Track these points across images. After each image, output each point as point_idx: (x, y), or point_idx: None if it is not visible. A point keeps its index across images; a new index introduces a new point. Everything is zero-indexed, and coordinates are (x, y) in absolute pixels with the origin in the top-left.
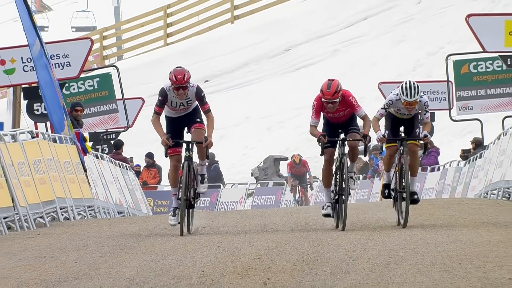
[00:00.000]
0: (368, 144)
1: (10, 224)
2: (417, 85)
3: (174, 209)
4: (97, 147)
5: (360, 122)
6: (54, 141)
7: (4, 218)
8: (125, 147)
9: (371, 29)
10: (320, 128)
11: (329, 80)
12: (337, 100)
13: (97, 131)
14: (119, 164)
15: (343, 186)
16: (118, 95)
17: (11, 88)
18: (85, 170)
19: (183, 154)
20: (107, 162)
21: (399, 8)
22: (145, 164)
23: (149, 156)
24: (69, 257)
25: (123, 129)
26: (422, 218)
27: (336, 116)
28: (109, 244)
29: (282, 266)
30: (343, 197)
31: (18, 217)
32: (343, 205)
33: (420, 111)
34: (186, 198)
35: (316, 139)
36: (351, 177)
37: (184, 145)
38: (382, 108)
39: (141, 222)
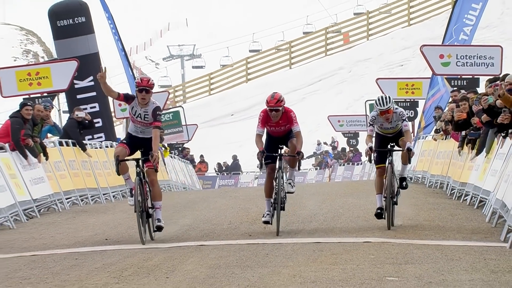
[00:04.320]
0: (301, 160)
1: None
2: (389, 96)
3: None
4: (171, 151)
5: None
6: None
7: (104, 194)
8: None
9: None
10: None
11: (272, 92)
12: (280, 108)
13: (171, 143)
14: (183, 161)
15: (281, 196)
16: (183, 122)
17: (126, 120)
18: (164, 164)
19: (135, 170)
20: (177, 160)
21: None
22: (199, 160)
23: (201, 156)
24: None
25: (186, 141)
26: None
27: (277, 130)
28: (177, 204)
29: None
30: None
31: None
32: (277, 213)
33: (398, 122)
34: (142, 210)
35: (257, 153)
36: (289, 183)
37: (135, 162)
38: (368, 126)
39: (195, 193)
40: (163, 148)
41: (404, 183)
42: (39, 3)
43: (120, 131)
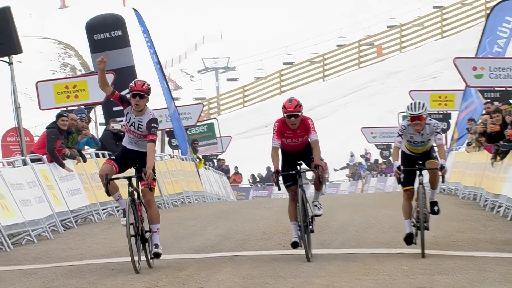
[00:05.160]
0: (325, 175)
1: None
2: (423, 103)
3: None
4: (206, 163)
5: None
6: (182, 159)
7: (156, 202)
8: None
9: None
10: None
11: (289, 97)
12: (299, 114)
13: (206, 154)
14: (218, 172)
15: (306, 217)
16: (217, 134)
17: (161, 132)
18: (199, 175)
19: (127, 189)
20: (211, 171)
21: None
22: (234, 171)
23: (236, 168)
24: (190, 223)
25: (220, 153)
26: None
27: (294, 143)
28: (210, 215)
29: None
30: (308, 227)
31: (163, 201)
32: (307, 236)
33: (431, 136)
34: (136, 234)
35: (272, 173)
36: (316, 205)
37: (127, 181)
38: (397, 136)
39: (229, 204)
40: (197, 160)
41: (435, 208)
42: (76, 18)
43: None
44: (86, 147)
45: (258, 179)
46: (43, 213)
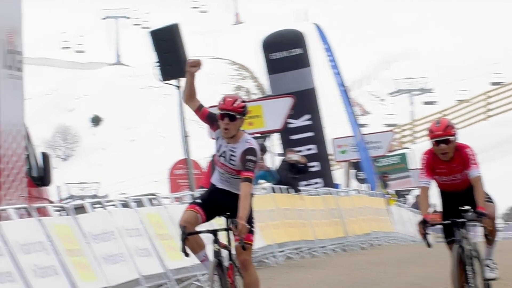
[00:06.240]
0: (494, 225)
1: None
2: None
3: None
4: (399, 199)
5: None
6: (370, 195)
7: (322, 247)
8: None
9: None
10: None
11: (437, 118)
12: (450, 138)
13: (397, 189)
14: (412, 210)
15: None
16: (410, 166)
17: (346, 163)
18: (390, 214)
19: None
20: (405, 209)
21: None
22: (432, 210)
23: (434, 206)
24: (378, 268)
25: (414, 187)
26: None
27: (451, 182)
28: (401, 259)
29: None
30: None
31: (348, 243)
32: None
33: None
34: None
35: (418, 223)
36: (487, 265)
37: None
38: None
39: (425, 246)
40: (388, 195)
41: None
42: (252, 35)
43: (339, 177)
44: (261, 181)
45: None
46: (211, 255)
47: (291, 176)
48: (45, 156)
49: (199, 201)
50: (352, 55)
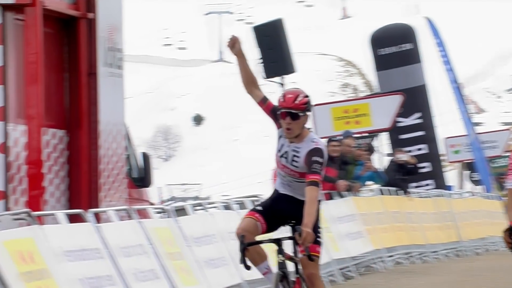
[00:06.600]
0: None
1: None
2: None
3: None
4: None
5: None
6: (486, 198)
7: (433, 252)
8: None
9: None
10: None
11: None
12: None
13: None
14: None
15: None
16: None
17: (460, 164)
18: None
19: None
20: None
21: None
22: None
23: None
24: (496, 275)
25: None
26: None
27: None
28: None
29: None
30: None
31: (462, 248)
32: None
33: None
34: None
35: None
36: None
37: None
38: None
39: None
40: (505, 198)
41: None
42: (360, 29)
43: (451, 178)
44: (369, 182)
45: None
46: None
47: (399, 177)
48: (145, 157)
49: (259, 208)
50: (466, 50)
